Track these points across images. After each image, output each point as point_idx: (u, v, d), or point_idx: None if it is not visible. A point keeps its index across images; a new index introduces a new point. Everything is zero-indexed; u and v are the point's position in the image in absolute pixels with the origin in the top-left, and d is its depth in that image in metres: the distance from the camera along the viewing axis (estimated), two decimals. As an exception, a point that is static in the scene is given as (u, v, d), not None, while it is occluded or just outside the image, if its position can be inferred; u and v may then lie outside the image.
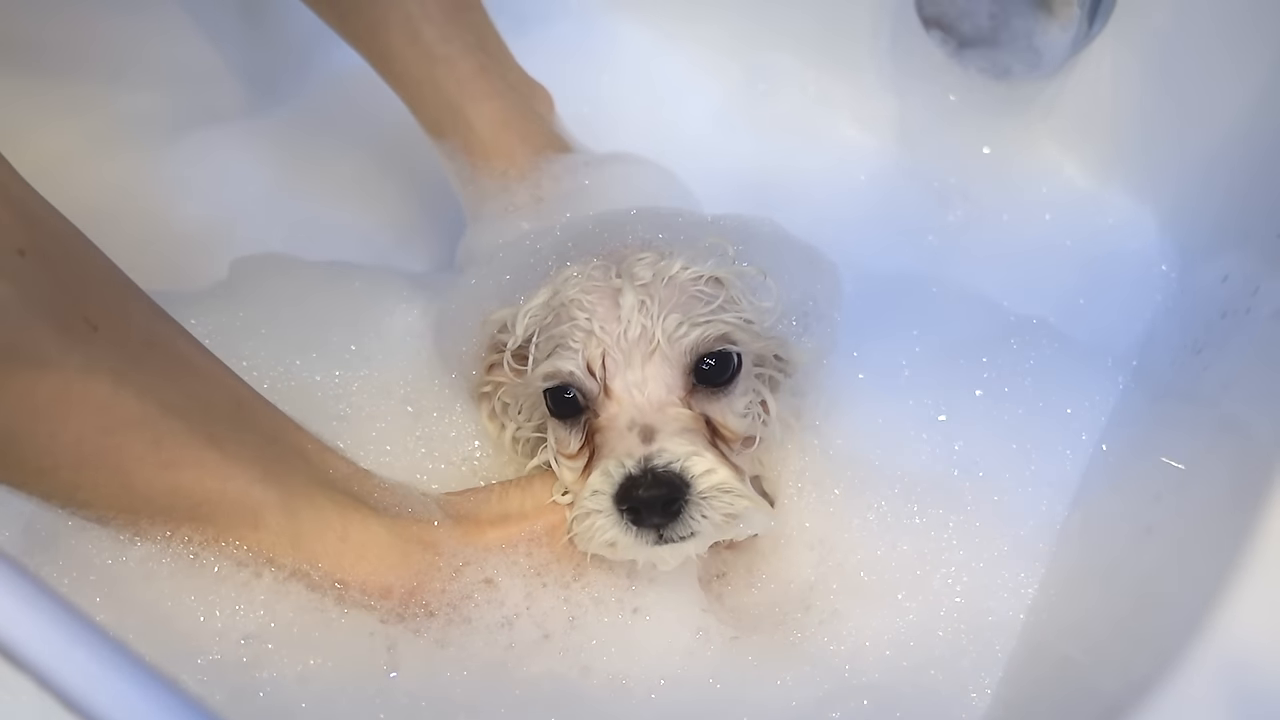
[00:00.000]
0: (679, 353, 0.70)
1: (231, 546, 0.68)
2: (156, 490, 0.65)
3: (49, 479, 0.63)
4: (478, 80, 0.96)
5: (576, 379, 0.71)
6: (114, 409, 0.62)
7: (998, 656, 0.73)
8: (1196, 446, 0.70)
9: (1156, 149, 1.07)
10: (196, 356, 0.70)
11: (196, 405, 0.67)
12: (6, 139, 0.63)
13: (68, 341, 0.60)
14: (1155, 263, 1.06)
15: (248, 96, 1.26)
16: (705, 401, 0.72)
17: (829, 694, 0.73)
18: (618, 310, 0.70)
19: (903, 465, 0.84)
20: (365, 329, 0.89)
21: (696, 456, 0.67)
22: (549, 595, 0.73)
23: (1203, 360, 0.80)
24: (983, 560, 0.78)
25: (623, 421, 0.69)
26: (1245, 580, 0.51)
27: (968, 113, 1.15)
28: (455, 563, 0.73)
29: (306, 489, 0.70)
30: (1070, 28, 1.04)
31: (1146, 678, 0.49)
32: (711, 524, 0.68)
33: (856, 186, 1.17)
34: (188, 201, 1.15)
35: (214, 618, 0.67)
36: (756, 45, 1.26)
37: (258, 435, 0.70)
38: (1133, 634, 0.54)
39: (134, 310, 0.67)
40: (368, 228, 1.18)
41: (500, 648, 0.71)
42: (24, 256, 0.60)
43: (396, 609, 0.72)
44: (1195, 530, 0.57)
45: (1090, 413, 0.87)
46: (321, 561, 0.70)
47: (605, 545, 0.69)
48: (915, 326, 0.95)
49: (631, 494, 0.67)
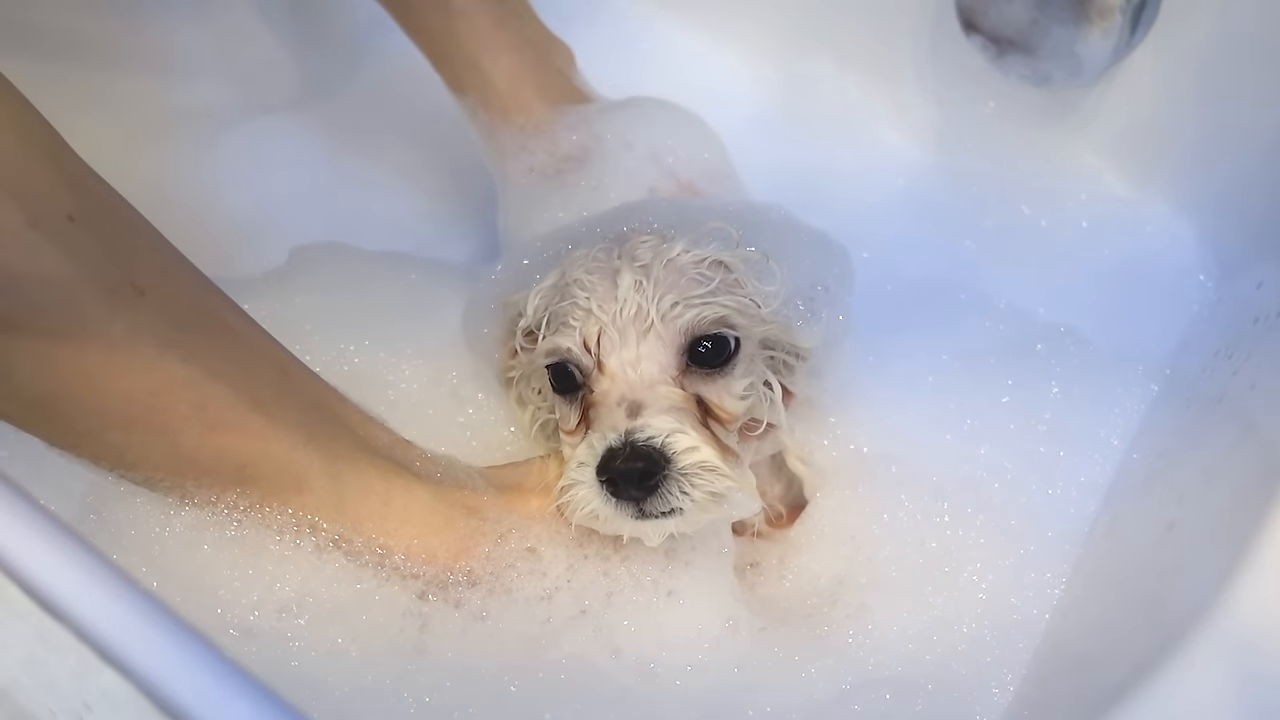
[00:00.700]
0: (673, 333, 0.71)
1: (274, 514, 0.69)
2: (202, 453, 0.66)
3: (98, 440, 0.64)
4: (495, 33, 0.98)
5: (574, 355, 0.72)
6: (160, 372, 0.63)
7: (1021, 654, 0.73)
8: (1220, 446, 0.70)
9: (1196, 159, 1.07)
10: (242, 326, 0.71)
11: (242, 371, 0.68)
12: (61, 129, 0.65)
13: (115, 305, 0.62)
14: (1193, 272, 1.05)
15: (297, 89, 1.28)
16: (699, 382, 0.72)
17: (852, 686, 0.74)
18: (615, 290, 0.72)
19: (932, 465, 0.84)
20: (418, 318, 0.91)
21: (680, 434, 0.68)
22: (590, 568, 0.74)
23: (1233, 365, 0.80)
24: (1009, 559, 0.78)
25: (613, 397, 0.70)
26: (1256, 569, 0.51)
27: (1007, 119, 1.15)
28: (499, 529, 0.74)
29: (350, 454, 0.71)
30: (1112, 35, 1.03)
31: (1156, 664, 0.49)
32: (694, 502, 0.68)
33: (894, 190, 1.17)
34: (238, 191, 1.18)
35: (251, 589, 0.68)
36: (796, 48, 1.26)
37: (302, 402, 0.71)
38: (1150, 628, 0.54)
39: (181, 279, 0.68)
40: (412, 217, 1.20)
41: (538, 622, 0.72)
42: (73, 223, 0.61)
43: (440, 575, 0.72)
44: (1216, 527, 0.58)
45: (1121, 419, 0.87)
46: (365, 526, 0.70)
47: (589, 517, 0.70)
48: (948, 330, 0.96)
49: (610, 465, 0.67)
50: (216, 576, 0.68)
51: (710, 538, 0.77)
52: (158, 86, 1.21)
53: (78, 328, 0.60)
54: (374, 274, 0.98)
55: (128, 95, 1.19)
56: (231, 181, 1.18)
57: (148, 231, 0.68)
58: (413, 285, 0.95)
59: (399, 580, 0.71)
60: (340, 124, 1.25)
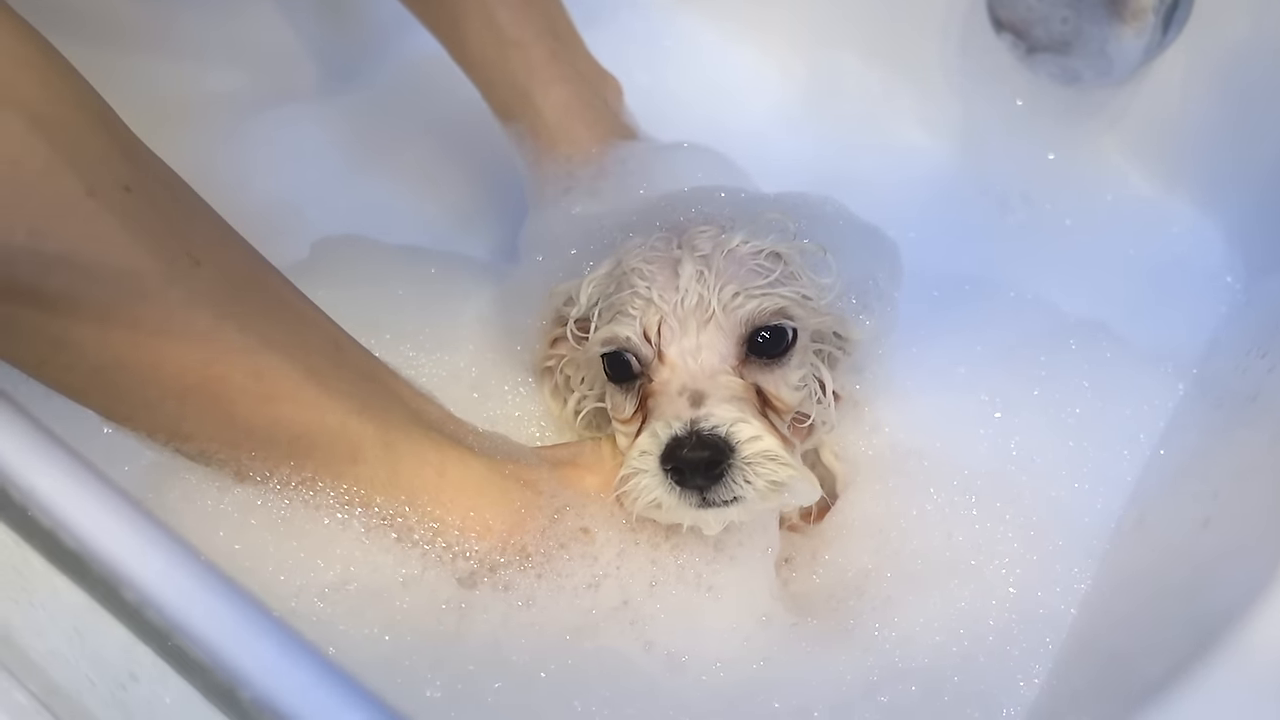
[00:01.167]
0: (734, 323, 0.71)
1: (326, 490, 0.69)
2: (257, 422, 0.66)
3: (154, 411, 0.64)
4: (548, 66, 0.98)
5: (633, 344, 0.72)
6: (215, 341, 0.63)
7: (1048, 648, 0.73)
8: (1258, 444, 0.70)
9: (1225, 160, 1.07)
10: (294, 298, 0.71)
11: (295, 341, 0.68)
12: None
13: (172, 275, 0.62)
14: (1221, 274, 1.06)
15: (324, 78, 1.29)
16: (758, 373, 0.73)
17: (879, 679, 0.73)
18: (676, 280, 0.72)
19: (961, 459, 0.84)
20: (438, 313, 0.91)
21: (743, 423, 0.68)
22: (640, 555, 0.74)
23: (1267, 363, 0.80)
24: (1037, 553, 0.78)
25: (674, 387, 0.71)
26: None
27: (1034, 118, 1.15)
28: (555, 504, 0.73)
29: (404, 425, 0.71)
30: (1144, 35, 1.04)
31: (1195, 662, 0.49)
32: (756, 491, 0.68)
33: (918, 187, 1.17)
34: (262, 180, 1.17)
35: (297, 571, 0.68)
36: (822, 43, 1.27)
37: (354, 373, 0.71)
38: (1185, 625, 0.54)
39: (235, 250, 0.68)
40: (435, 211, 1.20)
41: (580, 612, 0.72)
42: (130, 192, 0.61)
43: (494, 550, 0.72)
44: (1255, 524, 0.58)
45: (1149, 416, 0.87)
46: (420, 498, 0.70)
47: (651, 506, 0.70)
48: (975, 326, 0.96)
49: (676, 454, 0.67)
50: (264, 557, 0.68)
51: (758, 534, 0.77)
52: (186, 73, 1.21)
53: (135, 298, 0.60)
54: (395, 268, 0.98)
55: (156, 81, 1.19)
56: (257, 170, 1.18)
57: (200, 203, 0.68)
58: (434, 279, 0.95)
59: (449, 560, 0.71)
60: (365, 115, 1.25)
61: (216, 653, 0.41)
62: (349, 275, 0.93)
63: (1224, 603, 0.51)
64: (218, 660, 0.41)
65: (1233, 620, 0.50)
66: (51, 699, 0.71)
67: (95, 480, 0.43)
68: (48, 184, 0.58)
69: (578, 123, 0.97)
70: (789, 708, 0.70)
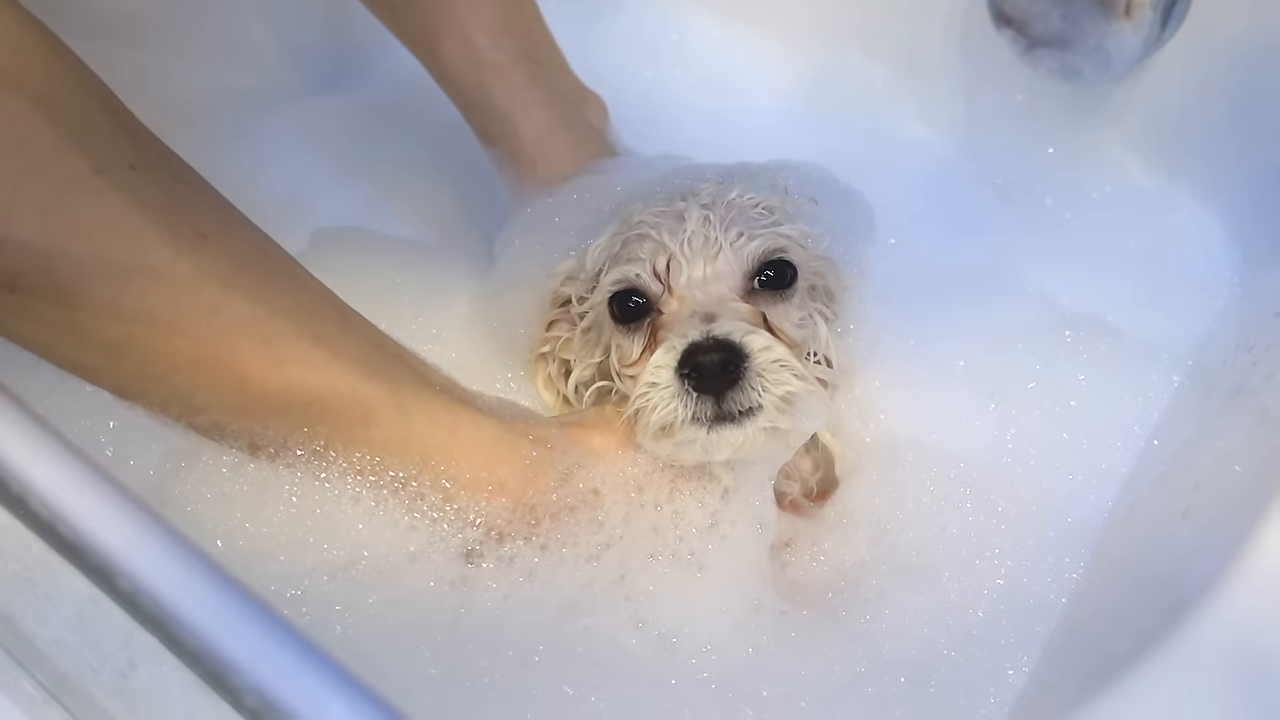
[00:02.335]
0: (740, 259, 0.75)
1: (338, 461, 0.69)
2: (269, 389, 0.66)
3: (166, 384, 0.65)
4: (527, 89, 0.98)
5: (642, 280, 0.74)
6: (224, 311, 0.64)
7: (1037, 637, 0.74)
8: (1237, 436, 0.71)
9: (1223, 155, 1.07)
10: (299, 270, 0.72)
11: (303, 309, 0.69)
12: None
13: (179, 248, 0.63)
14: (1219, 267, 1.06)
15: (330, 75, 1.30)
16: (764, 304, 0.75)
17: (866, 670, 0.74)
18: (683, 224, 0.75)
19: (958, 450, 0.86)
20: (432, 305, 0.92)
21: (755, 334, 0.70)
22: (645, 518, 0.75)
23: (1252, 357, 0.81)
24: (1029, 544, 0.79)
25: (685, 313, 0.73)
26: (1262, 550, 0.53)
27: (1034, 112, 1.15)
28: (566, 461, 0.74)
29: (415, 386, 0.71)
30: (1142, 31, 1.04)
31: (1160, 637, 0.51)
32: (770, 402, 0.69)
33: (920, 181, 1.18)
34: (267, 175, 1.18)
35: (309, 552, 0.69)
36: (824, 39, 1.27)
37: (362, 339, 0.72)
38: (1158, 607, 0.56)
39: (239, 224, 0.69)
40: (441, 203, 1.21)
41: (580, 585, 0.72)
42: (135, 170, 0.63)
43: (505, 510, 0.72)
44: (1228, 513, 0.59)
45: (1143, 407, 0.88)
46: (433, 458, 0.70)
47: (662, 433, 0.71)
48: (974, 317, 0.97)
49: (693, 359, 0.68)
50: (278, 539, 0.69)
51: (754, 504, 0.77)
52: (201, 66, 1.23)
53: (144, 272, 0.62)
54: (396, 259, 1.00)
55: (164, 76, 1.20)
56: (265, 164, 1.19)
57: (203, 182, 0.69)
58: (433, 272, 0.97)
59: (459, 529, 0.71)
60: (372, 109, 1.27)
61: (208, 639, 0.42)
62: (348, 266, 0.93)
63: (1195, 590, 0.52)
64: (209, 647, 0.42)
65: (1195, 601, 0.51)
66: (59, 689, 0.72)
67: (90, 471, 0.44)
68: (55, 163, 0.60)
69: (558, 146, 0.97)
70: (776, 695, 0.71)
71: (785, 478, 0.85)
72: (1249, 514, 0.55)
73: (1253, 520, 0.54)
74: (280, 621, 0.43)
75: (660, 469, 0.76)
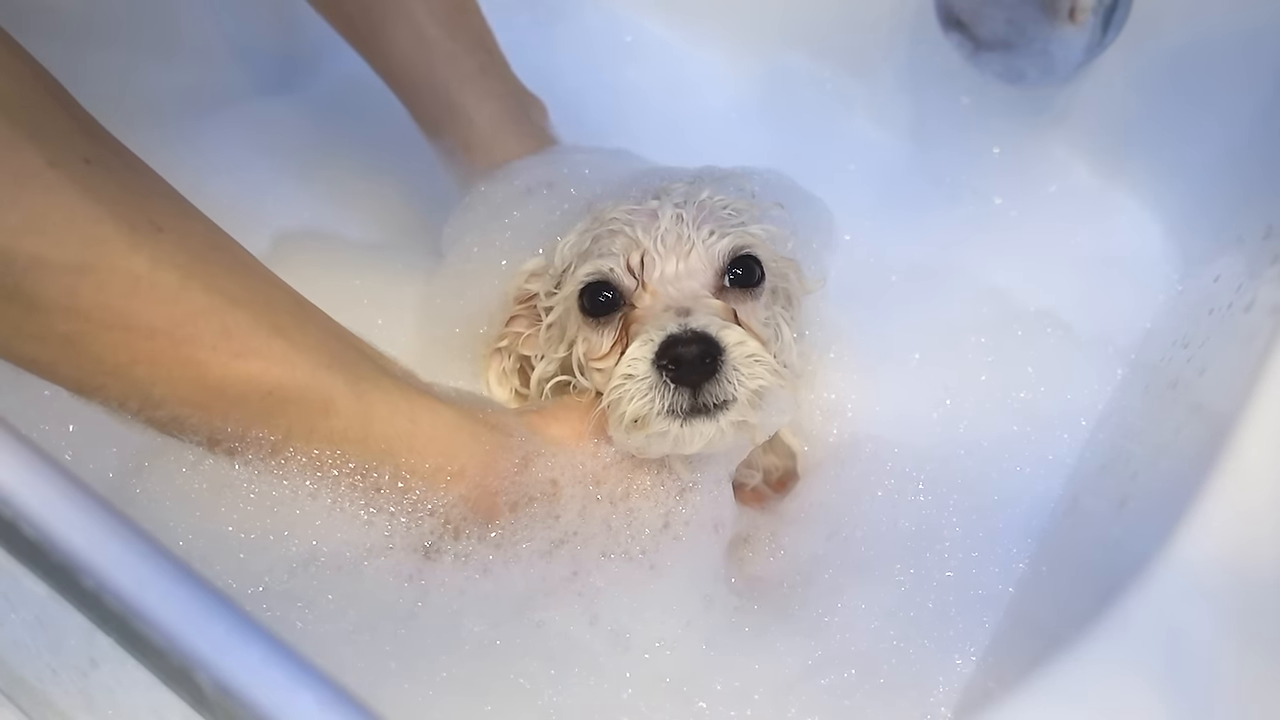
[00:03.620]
0: (712, 256, 0.76)
1: (297, 457, 0.69)
2: (228, 381, 0.66)
3: (126, 376, 0.64)
4: (480, 79, 0.98)
5: (616, 275, 0.76)
6: (182, 301, 0.64)
7: (985, 627, 0.75)
8: (1171, 427, 0.74)
9: (1164, 155, 1.10)
10: (255, 263, 0.72)
11: (261, 300, 0.68)
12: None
13: (136, 240, 0.62)
14: (1160, 264, 1.09)
15: (279, 75, 1.29)
16: (734, 301, 0.76)
17: (818, 662, 0.76)
18: (657, 222, 0.76)
19: (913, 444, 0.88)
20: (390, 304, 0.93)
21: (730, 329, 0.71)
22: (599, 514, 0.75)
23: (1188, 353, 0.83)
24: (978, 536, 0.81)
25: (659, 307, 0.74)
26: (1190, 535, 0.56)
27: (981, 114, 1.18)
28: (525, 448, 0.75)
29: (374, 376, 0.72)
30: (1084, 35, 1.07)
31: (1093, 620, 0.54)
32: (744, 395, 0.71)
33: (870, 181, 1.20)
34: (225, 174, 1.17)
35: (269, 548, 0.69)
36: (777, 41, 1.29)
37: (320, 329, 0.72)
38: (1095, 594, 0.58)
39: (195, 218, 0.69)
40: (397, 203, 1.21)
41: (534, 583, 0.73)
42: (90, 164, 0.62)
43: (465, 500, 0.72)
44: (1161, 502, 0.61)
45: (1088, 399, 0.91)
46: (395, 446, 0.70)
47: (635, 426, 0.72)
48: (928, 314, 1.00)
49: (671, 350, 0.70)
50: (238, 536, 0.69)
51: (708, 507, 0.78)
52: (152, 66, 1.21)
53: (101, 263, 0.61)
54: (357, 262, 1.00)
55: (121, 74, 1.19)
56: (218, 164, 1.18)
57: (157, 178, 0.69)
58: (396, 275, 0.97)
59: (417, 522, 0.72)
60: (326, 108, 1.26)
61: (172, 637, 0.43)
62: (309, 269, 0.94)
63: (1128, 576, 0.54)
64: (173, 644, 0.43)
65: (1126, 585, 0.54)
66: (14, 690, 0.72)
67: (53, 471, 0.44)
68: (9, 157, 0.60)
69: (511, 137, 0.97)
70: (730, 689, 0.72)
71: (747, 467, 0.86)
72: (1178, 503, 0.57)
73: (1180, 509, 0.57)
74: (242, 617, 0.43)
75: (618, 461, 0.77)
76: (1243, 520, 0.56)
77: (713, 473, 0.80)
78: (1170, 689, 0.52)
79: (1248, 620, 0.55)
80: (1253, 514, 0.56)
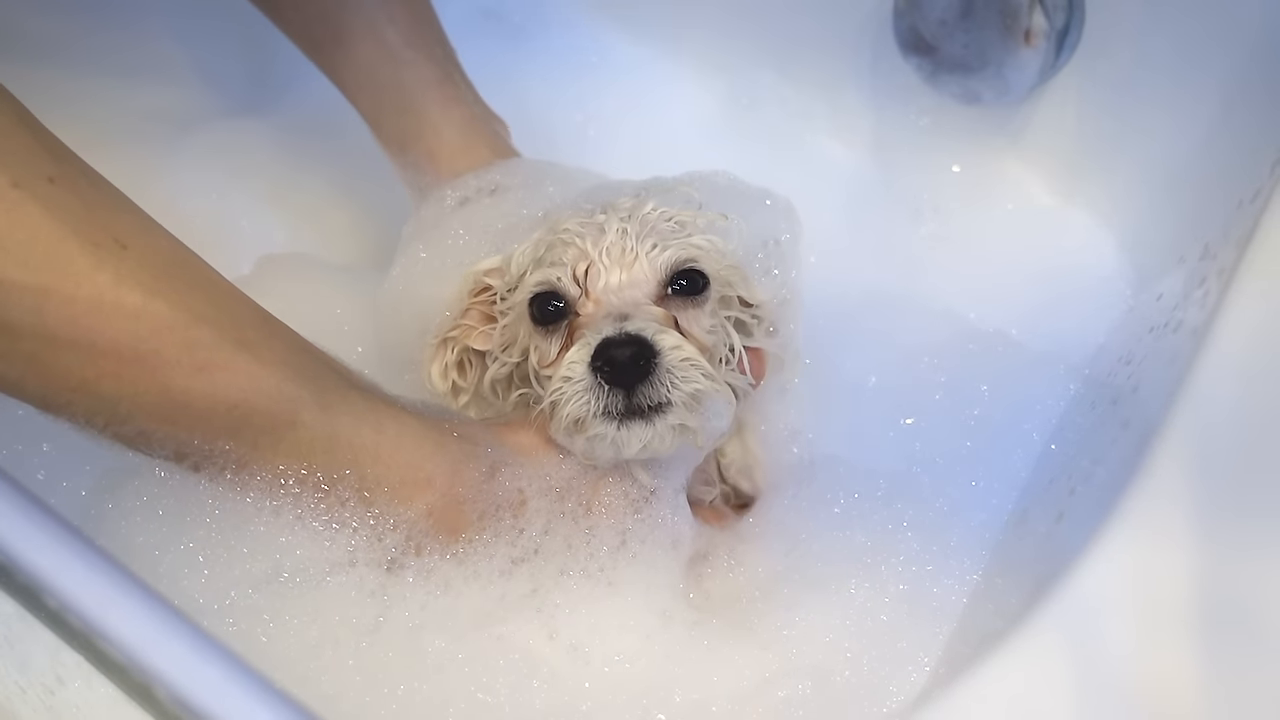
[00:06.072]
0: (654, 268, 0.78)
1: (261, 472, 0.70)
2: (193, 395, 0.66)
3: (91, 393, 0.65)
4: (444, 86, 0.99)
5: (562, 284, 0.77)
6: (147, 317, 0.65)
7: (938, 637, 0.77)
8: (1104, 443, 0.76)
9: (1115, 174, 1.13)
10: (219, 278, 0.72)
11: (225, 316, 0.69)
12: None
13: (100, 258, 0.63)
14: (1113, 280, 1.11)
15: (247, 97, 1.30)
16: (676, 309, 0.78)
17: (774, 674, 0.77)
18: (603, 235, 0.78)
19: (870, 463, 0.90)
20: (365, 327, 0.94)
21: (665, 334, 0.73)
22: (561, 530, 0.77)
23: (1129, 370, 0.86)
24: (932, 551, 0.82)
25: (601, 314, 0.75)
26: (1103, 546, 0.59)
27: (939, 134, 1.20)
28: (492, 458, 0.76)
29: (339, 388, 0.72)
30: (1038, 58, 1.09)
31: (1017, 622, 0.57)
32: (680, 398, 0.72)
33: (832, 199, 1.21)
34: (201, 197, 1.18)
35: (233, 565, 0.70)
36: (741, 61, 1.31)
37: (285, 344, 0.73)
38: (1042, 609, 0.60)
39: (159, 235, 0.70)
40: (362, 228, 1.22)
41: (493, 599, 0.75)
42: (53, 184, 0.63)
43: (435, 507, 0.74)
44: (1089, 516, 0.63)
45: (1041, 415, 0.93)
46: (360, 457, 0.72)
47: (574, 426, 0.73)
48: (886, 333, 1.02)
49: (605, 352, 0.71)
50: (203, 553, 0.70)
51: (665, 525, 0.80)
52: (120, 88, 1.22)
53: (66, 281, 0.62)
54: (332, 284, 1.02)
55: (90, 97, 1.19)
56: (189, 187, 1.19)
57: (121, 196, 0.70)
58: (369, 295, 0.97)
59: (379, 536, 0.73)
60: (297, 129, 1.27)
61: (133, 654, 0.44)
62: (291, 291, 0.96)
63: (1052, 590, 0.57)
64: (134, 661, 0.44)
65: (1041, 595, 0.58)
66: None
67: (17, 493, 0.46)
68: None
69: (480, 144, 0.98)
70: (688, 701, 0.74)
71: (704, 484, 0.88)
72: (1102, 518, 0.60)
73: (1102, 524, 0.59)
74: (202, 635, 0.44)
75: (583, 471, 0.79)
76: (1155, 534, 0.59)
77: (673, 480, 0.82)
78: (1078, 697, 0.54)
79: (1155, 631, 0.57)
80: (1166, 530, 0.59)
